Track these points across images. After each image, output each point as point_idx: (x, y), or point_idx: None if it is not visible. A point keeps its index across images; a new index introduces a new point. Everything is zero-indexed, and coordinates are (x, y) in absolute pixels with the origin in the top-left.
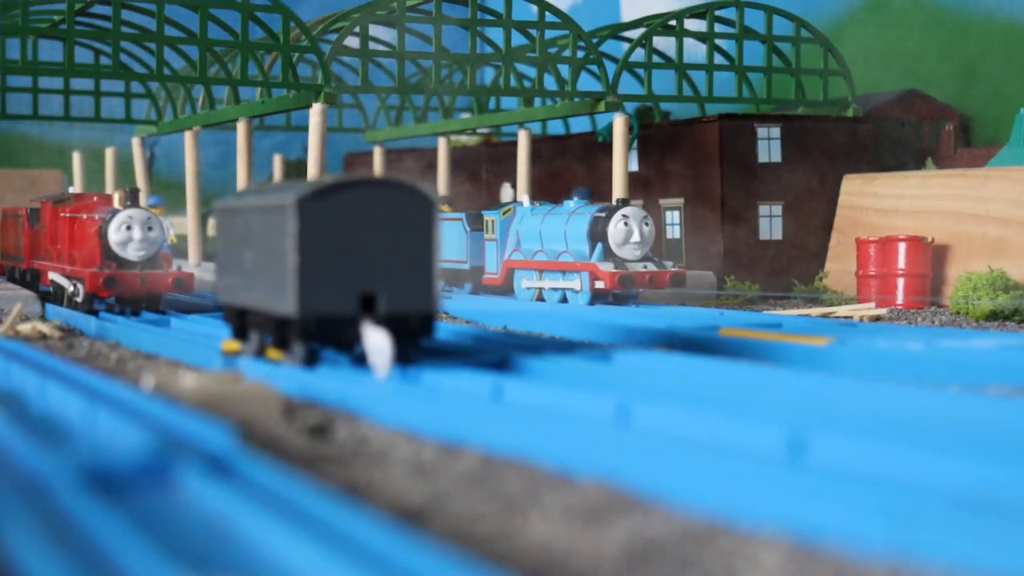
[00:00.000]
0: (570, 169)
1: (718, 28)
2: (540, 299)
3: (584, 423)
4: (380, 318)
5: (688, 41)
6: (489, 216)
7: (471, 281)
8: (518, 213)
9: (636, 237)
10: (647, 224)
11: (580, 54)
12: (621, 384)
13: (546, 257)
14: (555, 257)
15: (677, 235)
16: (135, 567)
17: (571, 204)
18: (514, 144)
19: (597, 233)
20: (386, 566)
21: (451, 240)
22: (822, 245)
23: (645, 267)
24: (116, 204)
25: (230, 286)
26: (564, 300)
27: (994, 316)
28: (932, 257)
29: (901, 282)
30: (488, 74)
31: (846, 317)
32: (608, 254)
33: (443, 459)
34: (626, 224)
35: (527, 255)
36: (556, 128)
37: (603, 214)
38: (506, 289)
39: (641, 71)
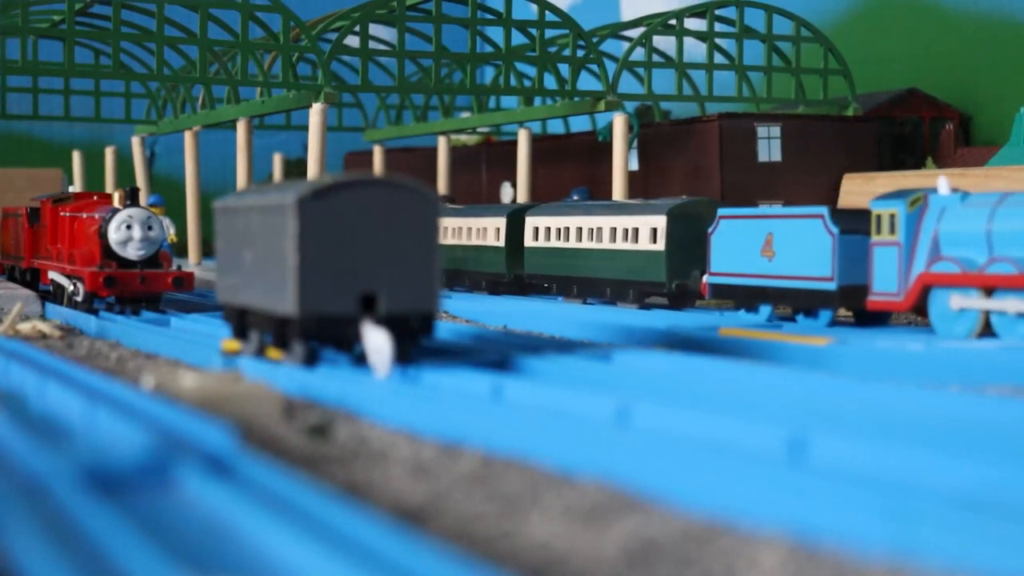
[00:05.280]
0: (569, 168)
1: (718, 27)
2: (985, 330)
3: (584, 423)
4: (380, 318)
5: (688, 40)
6: (884, 209)
7: (835, 305)
8: (934, 204)
9: None
10: None
11: (580, 53)
12: (621, 384)
13: (1014, 269)
14: None
15: None
16: (135, 567)
17: None
18: (514, 143)
19: None
20: (386, 566)
21: (799, 247)
22: None
23: None
24: (116, 203)
25: (230, 285)
26: None
27: None
28: None
29: None
30: (488, 73)
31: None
32: None
33: (443, 459)
34: None
35: (964, 266)
36: (556, 127)
37: None
38: (916, 315)
39: (641, 70)
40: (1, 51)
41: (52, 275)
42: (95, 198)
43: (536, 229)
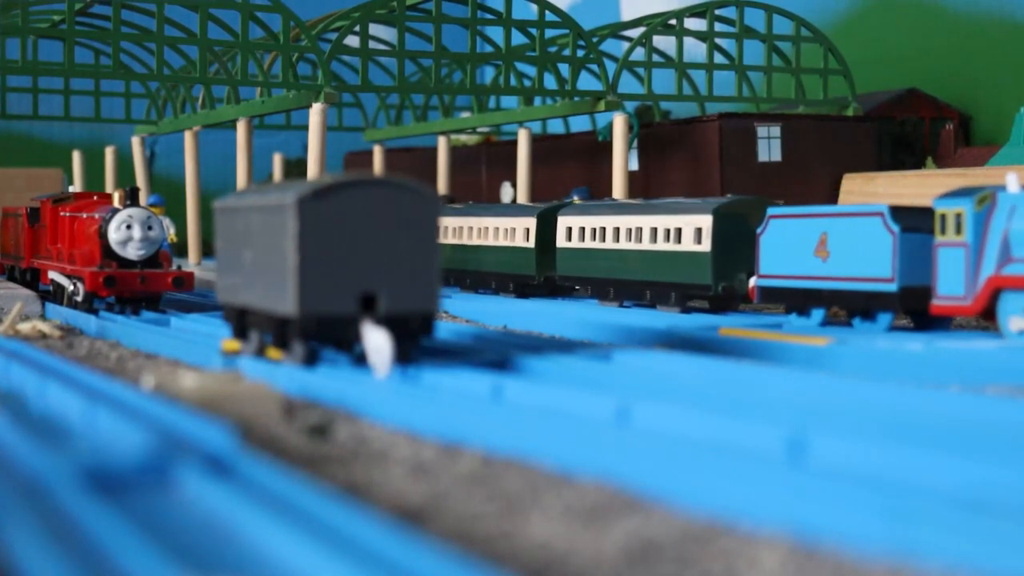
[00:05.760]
0: (569, 168)
1: (718, 27)
2: None
3: (584, 423)
4: (380, 318)
5: (688, 40)
6: (949, 208)
7: (896, 307)
8: (1003, 202)
9: None
10: None
11: (580, 53)
12: (621, 384)
13: None
14: None
15: None
16: (135, 567)
17: None
18: (514, 143)
19: None
20: (386, 566)
21: (856, 247)
22: None
23: None
24: (116, 203)
25: (230, 285)
26: None
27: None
28: None
29: None
30: (488, 73)
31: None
32: None
33: (443, 459)
34: None
35: None
36: (556, 127)
37: None
38: (984, 320)
39: (641, 70)
40: (1, 51)
41: (52, 275)
42: (95, 198)
43: (569, 229)
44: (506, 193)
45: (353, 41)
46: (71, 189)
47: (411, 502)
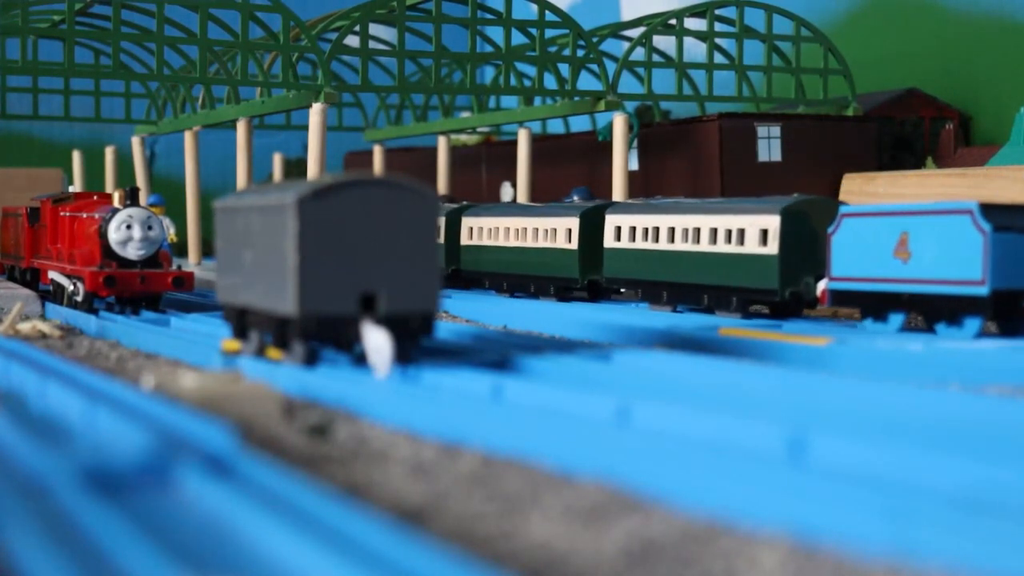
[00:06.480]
0: (569, 168)
1: (718, 27)
2: None
3: (584, 423)
4: (380, 318)
5: (688, 40)
6: None
7: (986, 312)
8: None
9: None
10: None
11: (580, 53)
12: (621, 384)
13: None
14: None
15: None
16: (135, 567)
17: None
18: (514, 143)
19: None
20: (386, 566)
21: (941, 247)
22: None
23: None
24: (116, 203)
25: (230, 285)
26: None
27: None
28: None
29: None
30: (488, 73)
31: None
32: None
33: (443, 459)
34: None
35: None
36: (556, 127)
37: None
38: None
39: (641, 70)
40: (1, 51)
41: (52, 275)
42: (95, 198)
43: (618, 229)
44: (506, 193)
45: (353, 41)
46: (71, 189)
47: (411, 502)
